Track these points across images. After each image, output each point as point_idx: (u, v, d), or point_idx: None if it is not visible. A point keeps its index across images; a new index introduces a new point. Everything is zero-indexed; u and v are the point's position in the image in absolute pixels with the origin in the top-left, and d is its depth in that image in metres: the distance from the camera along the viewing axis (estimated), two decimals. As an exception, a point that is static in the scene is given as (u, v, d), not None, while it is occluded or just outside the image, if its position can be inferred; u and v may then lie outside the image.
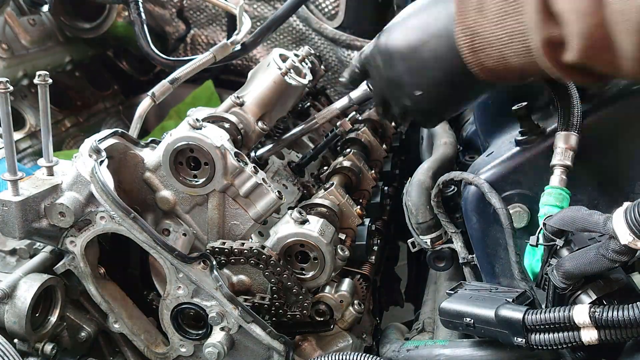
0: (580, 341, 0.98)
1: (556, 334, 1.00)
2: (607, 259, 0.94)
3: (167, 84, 1.73)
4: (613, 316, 0.93)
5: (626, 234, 0.89)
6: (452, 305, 1.17)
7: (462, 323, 1.13)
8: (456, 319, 1.15)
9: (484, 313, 1.10)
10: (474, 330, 1.12)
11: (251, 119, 1.56)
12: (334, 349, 1.41)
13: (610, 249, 0.93)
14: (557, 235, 1.05)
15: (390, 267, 1.99)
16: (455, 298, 1.19)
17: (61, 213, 1.29)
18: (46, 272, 1.35)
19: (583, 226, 0.98)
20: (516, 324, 1.04)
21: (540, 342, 1.02)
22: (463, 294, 1.20)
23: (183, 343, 1.41)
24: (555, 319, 1.00)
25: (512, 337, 1.05)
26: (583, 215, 0.99)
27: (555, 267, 1.03)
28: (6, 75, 2.29)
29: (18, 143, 2.40)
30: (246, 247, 1.31)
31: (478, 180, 1.23)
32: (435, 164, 1.61)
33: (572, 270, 1.00)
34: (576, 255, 1.00)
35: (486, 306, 1.11)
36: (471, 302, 1.15)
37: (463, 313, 1.13)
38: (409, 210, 1.46)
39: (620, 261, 0.93)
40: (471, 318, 1.12)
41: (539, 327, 1.02)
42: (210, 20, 2.91)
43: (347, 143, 1.94)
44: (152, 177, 1.38)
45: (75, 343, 1.43)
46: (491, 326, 1.09)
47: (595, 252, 0.97)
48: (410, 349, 1.33)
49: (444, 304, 1.18)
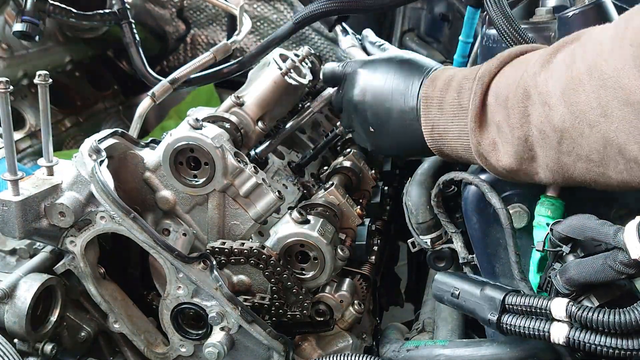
0: (548, 333, 0.99)
1: (528, 321, 1.02)
2: (614, 270, 0.94)
3: (167, 84, 1.73)
4: (588, 315, 0.94)
5: (637, 248, 0.88)
6: (445, 277, 1.20)
7: (449, 292, 1.16)
8: (445, 288, 1.18)
9: (471, 288, 1.14)
10: (457, 300, 1.15)
11: (251, 119, 1.56)
12: (334, 349, 1.41)
13: (618, 261, 0.92)
14: (564, 242, 1.05)
15: (390, 267, 1.99)
16: (451, 274, 1.23)
17: (61, 213, 1.29)
18: (46, 272, 1.35)
19: (592, 236, 0.98)
20: (496, 301, 1.07)
21: (510, 323, 1.04)
22: (458, 273, 1.24)
23: (183, 343, 1.41)
24: (533, 304, 1.01)
25: (487, 311, 1.08)
26: (594, 224, 0.98)
27: (560, 273, 1.03)
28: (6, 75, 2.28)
29: (18, 143, 2.40)
30: (246, 247, 1.31)
31: (478, 180, 1.23)
32: (436, 164, 1.61)
33: (576, 278, 1.00)
34: (582, 263, 1.00)
35: (476, 285, 1.14)
36: (464, 278, 1.18)
37: (453, 284, 1.17)
38: (409, 210, 1.46)
39: (628, 274, 0.93)
40: (458, 290, 1.15)
41: (516, 309, 1.04)
42: (211, 20, 2.91)
43: (347, 143, 1.94)
44: (152, 177, 1.38)
45: (75, 343, 1.43)
46: (473, 299, 1.12)
47: (602, 262, 0.96)
48: (410, 349, 1.33)
49: (439, 275, 1.21)
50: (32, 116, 2.52)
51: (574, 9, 1.25)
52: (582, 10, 1.24)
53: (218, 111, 1.55)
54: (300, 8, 2.64)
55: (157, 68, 3.02)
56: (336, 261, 1.36)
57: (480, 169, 1.27)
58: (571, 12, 1.25)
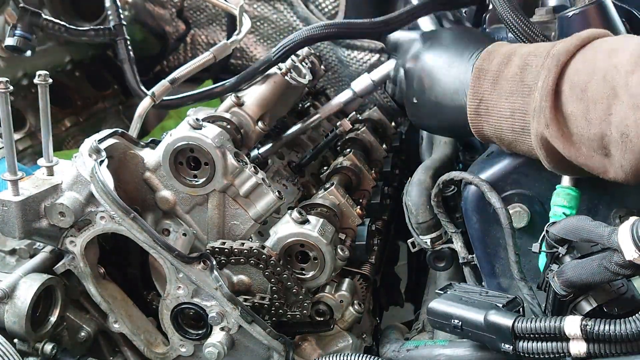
0: (568, 353, 0.97)
1: (545, 343, 0.99)
2: (609, 272, 0.94)
3: (167, 84, 1.73)
4: (604, 330, 0.92)
5: (631, 250, 0.88)
6: (441, 305, 1.14)
7: (450, 324, 1.11)
8: (444, 319, 1.13)
9: (473, 316, 1.09)
10: (462, 332, 1.10)
11: (251, 119, 1.56)
12: (334, 349, 1.41)
13: (613, 262, 0.92)
14: (560, 243, 1.04)
15: (390, 267, 1.99)
16: (444, 298, 1.17)
17: (61, 213, 1.29)
18: (46, 272, 1.35)
19: (587, 237, 0.98)
20: (505, 330, 1.02)
21: (528, 350, 1.01)
22: (453, 294, 1.18)
23: (183, 343, 1.41)
24: (545, 329, 0.98)
25: (499, 342, 1.04)
26: (588, 226, 0.98)
27: (557, 274, 1.03)
28: (6, 75, 2.27)
29: (18, 143, 2.40)
30: (246, 247, 1.31)
31: (478, 180, 1.23)
32: (435, 164, 1.61)
33: (573, 279, 1.00)
34: (578, 265, 1.00)
35: (476, 309, 1.09)
36: (461, 303, 1.13)
37: (451, 314, 1.11)
38: (409, 210, 1.46)
39: (624, 274, 0.92)
40: (459, 320, 1.10)
41: (528, 336, 1.01)
42: (210, 20, 2.90)
43: (347, 143, 1.94)
44: (152, 177, 1.38)
45: (75, 343, 1.43)
46: (479, 330, 1.07)
47: (598, 263, 0.96)
48: (410, 349, 1.33)
49: (432, 303, 1.16)
50: (32, 116, 2.51)
51: (574, 8, 1.25)
52: (582, 9, 1.24)
53: (218, 111, 1.55)
54: (300, 8, 2.65)
55: (157, 68, 3.02)
56: (336, 261, 1.36)
57: (479, 169, 1.27)
58: (571, 12, 1.25)
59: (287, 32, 2.76)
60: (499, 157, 1.26)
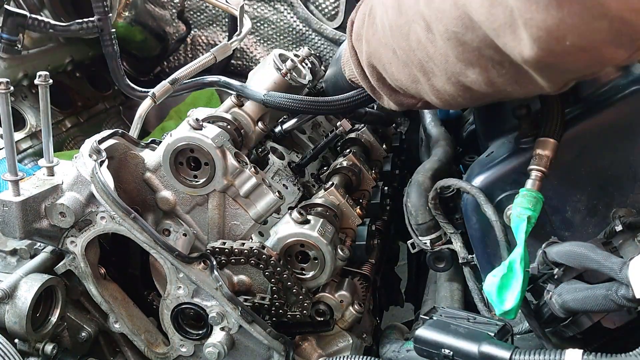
0: None
1: None
2: (615, 304, 0.92)
3: (168, 85, 1.73)
4: None
5: None
6: (429, 333, 1.08)
7: (440, 354, 1.05)
8: (433, 348, 1.07)
9: (465, 346, 1.03)
10: None
11: (251, 120, 1.56)
12: (334, 349, 1.41)
13: (620, 295, 0.91)
14: (555, 264, 1.03)
15: (390, 267, 1.99)
16: (432, 325, 1.11)
17: (62, 213, 1.29)
18: (47, 273, 1.36)
19: (593, 267, 0.95)
20: None
21: None
22: (440, 321, 1.12)
23: (183, 343, 1.41)
24: None
25: None
26: (596, 256, 0.95)
27: (556, 295, 1.01)
28: (7, 75, 2.29)
29: (19, 143, 2.40)
30: (246, 247, 1.31)
31: (474, 190, 1.22)
32: (435, 165, 1.61)
33: (574, 306, 0.98)
34: (579, 292, 0.97)
35: (467, 339, 1.04)
36: (450, 332, 1.07)
37: (442, 343, 1.06)
38: (409, 212, 1.46)
39: (629, 307, 0.91)
40: (450, 350, 1.04)
41: None
42: (211, 21, 2.91)
43: (347, 143, 1.94)
44: (152, 177, 1.38)
45: (75, 343, 1.43)
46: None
47: (604, 293, 0.94)
48: (410, 349, 1.33)
49: (420, 331, 1.10)
50: (33, 117, 2.52)
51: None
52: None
53: (218, 111, 1.55)
54: (300, 9, 2.65)
55: (157, 69, 3.02)
56: (336, 261, 1.36)
57: (479, 170, 1.27)
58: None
59: (287, 32, 2.76)
60: (499, 158, 1.26)
